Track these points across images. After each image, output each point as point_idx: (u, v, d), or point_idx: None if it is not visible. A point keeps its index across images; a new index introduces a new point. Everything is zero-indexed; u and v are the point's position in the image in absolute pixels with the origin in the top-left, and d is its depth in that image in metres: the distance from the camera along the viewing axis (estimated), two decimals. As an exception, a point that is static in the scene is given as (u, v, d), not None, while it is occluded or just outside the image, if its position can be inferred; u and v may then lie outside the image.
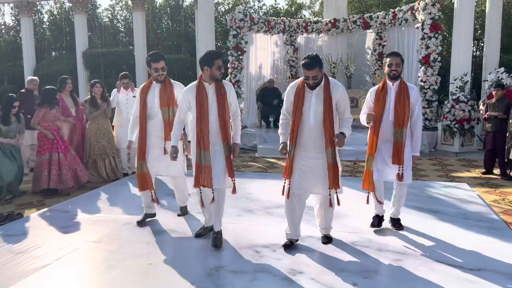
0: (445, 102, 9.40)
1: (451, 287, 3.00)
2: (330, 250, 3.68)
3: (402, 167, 3.97)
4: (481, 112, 7.38)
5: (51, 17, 20.86)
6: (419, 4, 9.81)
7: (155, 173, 4.44)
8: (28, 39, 16.20)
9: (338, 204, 3.66)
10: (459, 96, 9.00)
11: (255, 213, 4.75)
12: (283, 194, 3.73)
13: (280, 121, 3.86)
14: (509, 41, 13.72)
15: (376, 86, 4.21)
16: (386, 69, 4.09)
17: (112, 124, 7.02)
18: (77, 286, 3.13)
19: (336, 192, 3.66)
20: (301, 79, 3.73)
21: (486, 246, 3.74)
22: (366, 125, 4.17)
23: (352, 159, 8.31)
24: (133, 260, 3.53)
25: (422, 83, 9.57)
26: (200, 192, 3.87)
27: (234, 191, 3.78)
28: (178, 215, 4.73)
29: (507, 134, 6.41)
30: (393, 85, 4.06)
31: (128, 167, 7.09)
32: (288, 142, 3.71)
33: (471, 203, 5.10)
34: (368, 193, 4.16)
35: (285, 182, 3.72)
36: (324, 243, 3.84)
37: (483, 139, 7.54)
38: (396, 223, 4.25)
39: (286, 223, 3.81)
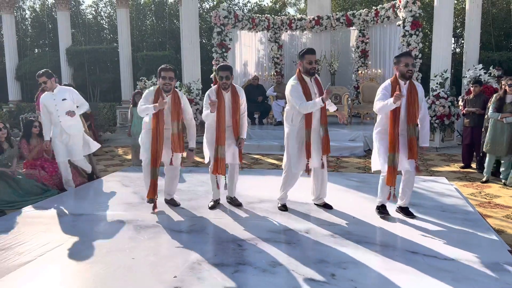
0: (426, 98, 9.58)
1: (425, 276, 3.11)
2: (310, 242, 3.78)
3: (417, 160, 4.27)
4: (460, 108, 7.56)
5: (33, 14, 20.58)
6: (400, 1, 9.98)
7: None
8: (10, 36, 16.00)
9: (328, 166, 4.59)
10: (439, 92, 9.19)
11: (238, 208, 4.82)
12: (308, 172, 4.53)
13: (302, 104, 4.29)
14: (488, 38, 14.00)
15: (389, 84, 4.24)
16: (402, 68, 4.17)
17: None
18: (61, 281, 3.16)
19: (327, 156, 4.53)
20: (295, 75, 4.44)
21: (461, 237, 3.88)
22: (390, 109, 4.08)
23: (336, 155, 8.44)
24: (116, 255, 3.57)
25: (403, 80, 9.73)
26: (216, 178, 4.71)
27: (240, 167, 4.87)
28: (175, 205, 4.91)
29: (483, 129, 6.60)
30: (404, 84, 4.23)
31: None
32: (299, 127, 4.41)
33: (449, 196, 5.25)
34: (390, 188, 4.27)
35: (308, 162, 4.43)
36: (329, 208, 4.69)
37: (462, 134, 7.73)
38: (409, 212, 4.46)
39: (265, 215, 4.55)
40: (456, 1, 15.41)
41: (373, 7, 11.85)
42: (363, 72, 11.85)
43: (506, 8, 14.70)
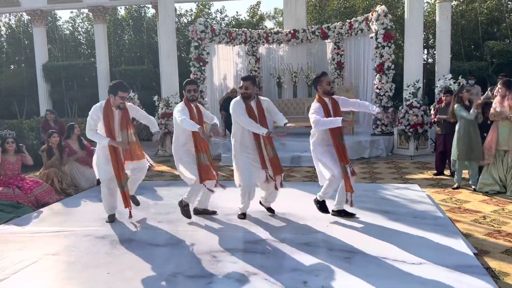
0: (400, 108, 9.84)
1: (394, 281, 3.22)
2: (284, 251, 3.86)
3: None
4: (432, 116, 7.78)
5: (9, 30, 20.37)
6: (372, 14, 10.27)
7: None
8: (-15, 52, 15.80)
9: (281, 186, 4.85)
10: (412, 102, 9.44)
11: (215, 220, 4.88)
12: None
13: (247, 120, 4.64)
14: (458, 48, 14.47)
15: (318, 104, 4.55)
16: (326, 86, 4.57)
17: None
18: (35, 298, 3.16)
19: (281, 177, 4.86)
20: (239, 96, 4.72)
21: (430, 242, 4.01)
22: (332, 126, 4.50)
23: (313, 165, 8.54)
24: (92, 270, 3.58)
25: (377, 90, 10.00)
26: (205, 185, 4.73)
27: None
28: (136, 204, 5.10)
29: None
30: (329, 100, 4.61)
31: None
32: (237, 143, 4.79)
33: (420, 203, 5.40)
34: (347, 195, 4.60)
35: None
36: (271, 213, 4.98)
37: (435, 142, 7.94)
38: (348, 212, 4.80)
39: (242, 226, 4.63)
40: (427, 13, 15.91)
41: (347, 20, 12.14)
42: (339, 83, 12.09)
43: (475, 20, 15.22)
